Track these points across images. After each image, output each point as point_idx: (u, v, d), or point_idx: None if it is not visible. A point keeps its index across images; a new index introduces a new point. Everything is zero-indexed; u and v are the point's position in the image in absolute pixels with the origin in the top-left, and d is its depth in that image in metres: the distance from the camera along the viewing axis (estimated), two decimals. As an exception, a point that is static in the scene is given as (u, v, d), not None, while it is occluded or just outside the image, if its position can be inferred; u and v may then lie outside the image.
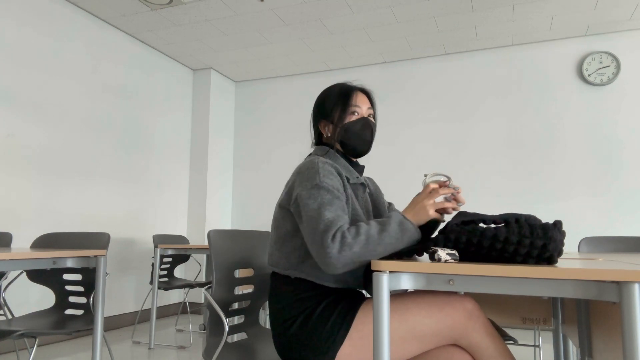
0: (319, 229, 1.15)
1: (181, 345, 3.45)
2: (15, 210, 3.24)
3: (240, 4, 3.69)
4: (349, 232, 1.13)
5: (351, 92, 1.42)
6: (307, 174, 1.27)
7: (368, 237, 1.12)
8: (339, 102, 1.41)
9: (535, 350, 2.53)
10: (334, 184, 1.25)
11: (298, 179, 1.29)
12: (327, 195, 1.21)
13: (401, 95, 4.77)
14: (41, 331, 1.79)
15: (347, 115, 1.40)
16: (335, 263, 1.12)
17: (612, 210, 4.00)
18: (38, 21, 3.44)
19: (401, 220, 1.17)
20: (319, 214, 1.17)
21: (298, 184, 1.27)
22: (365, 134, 1.40)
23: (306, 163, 1.32)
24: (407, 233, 1.16)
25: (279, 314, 1.31)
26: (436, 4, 3.68)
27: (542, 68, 4.32)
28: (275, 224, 1.38)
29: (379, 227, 1.15)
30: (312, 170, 1.27)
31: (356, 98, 1.42)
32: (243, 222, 5.24)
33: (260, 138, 5.29)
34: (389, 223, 1.16)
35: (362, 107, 1.42)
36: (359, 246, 1.11)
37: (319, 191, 1.22)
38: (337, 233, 1.13)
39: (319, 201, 1.20)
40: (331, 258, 1.11)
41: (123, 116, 4.17)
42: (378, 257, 1.14)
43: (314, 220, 1.17)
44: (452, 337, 1.18)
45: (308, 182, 1.24)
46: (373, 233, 1.13)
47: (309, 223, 1.18)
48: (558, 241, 0.99)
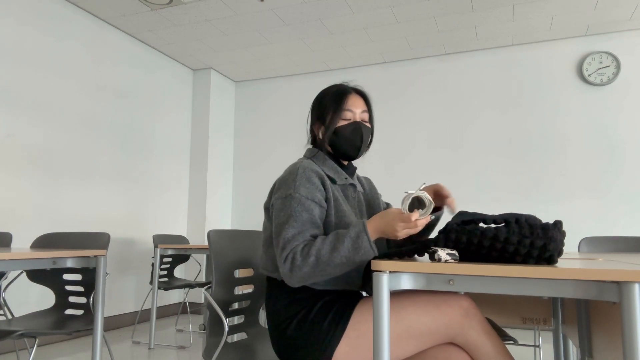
0: (278, 247, 1.22)
1: (181, 345, 3.45)
2: (15, 210, 3.24)
3: (240, 4, 3.69)
4: (301, 254, 1.17)
5: (345, 95, 1.41)
6: (287, 180, 1.29)
7: (318, 258, 1.15)
8: (332, 104, 1.40)
9: (535, 350, 2.53)
10: (308, 193, 1.26)
11: (279, 185, 1.31)
12: (297, 207, 1.24)
13: (401, 95, 4.77)
14: (41, 331, 1.79)
15: (339, 119, 1.39)
16: (288, 280, 1.20)
17: (612, 210, 4.00)
18: (38, 21, 3.44)
19: (358, 234, 1.15)
20: (282, 229, 1.22)
21: (277, 191, 1.31)
22: (355, 138, 1.39)
23: (289, 168, 1.34)
24: (359, 251, 1.14)
25: (275, 315, 1.31)
26: (436, 4, 3.68)
27: (542, 68, 4.32)
28: (263, 226, 1.41)
29: (331, 246, 1.16)
30: (290, 178, 1.29)
31: (349, 101, 1.40)
32: (243, 222, 5.24)
33: (260, 138, 5.29)
34: (344, 240, 1.15)
35: (355, 111, 1.40)
36: (308, 267, 1.16)
37: (291, 202, 1.24)
38: (290, 254, 1.18)
39: (287, 213, 1.23)
40: (285, 276, 1.20)
41: (123, 116, 4.17)
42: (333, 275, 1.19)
43: (276, 236, 1.24)
44: (449, 335, 1.18)
45: (283, 191, 1.27)
46: (324, 253, 1.15)
47: (274, 236, 1.25)
48: (558, 241, 0.99)
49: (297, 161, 1.38)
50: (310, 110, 1.48)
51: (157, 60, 4.62)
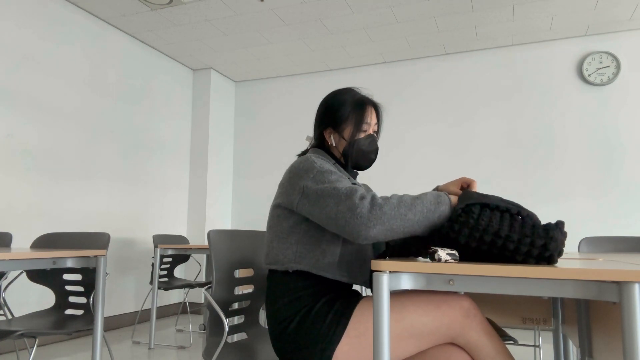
0: (343, 197, 1.15)
1: (181, 345, 3.45)
2: (15, 210, 3.24)
3: (240, 4, 3.69)
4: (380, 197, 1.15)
5: (366, 107, 1.41)
6: (304, 167, 1.28)
7: (400, 200, 1.13)
8: (353, 115, 1.40)
9: (535, 350, 2.53)
10: (332, 168, 1.28)
11: (295, 176, 1.29)
12: (334, 176, 1.23)
13: (401, 95, 4.77)
14: (41, 331, 1.79)
15: (359, 132, 1.40)
16: (365, 222, 1.10)
17: (612, 210, 4.00)
18: (38, 21, 3.44)
19: (438, 195, 1.18)
20: (336, 188, 1.18)
21: (298, 179, 1.27)
22: (371, 151, 1.41)
23: (300, 160, 1.33)
24: (440, 207, 1.15)
25: (275, 315, 1.31)
26: (436, 4, 3.68)
27: (542, 68, 4.32)
28: (270, 224, 1.39)
29: (412, 197, 1.16)
30: (308, 163, 1.28)
31: (369, 113, 1.42)
32: (243, 222, 5.24)
33: (260, 138, 5.29)
34: (425, 194, 1.17)
35: (371, 124, 1.42)
36: (389, 207, 1.11)
37: (324, 175, 1.23)
38: (366, 196, 1.13)
39: (329, 180, 1.22)
40: (363, 217, 1.10)
41: (123, 116, 4.18)
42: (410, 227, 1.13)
43: (334, 195, 1.17)
44: (449, 336, 1.18)
45: (309, 173, 1.26)
46: (406, 198, 1.14)
47: (330, 200, 1.17)
48: (559, 241, 0.99)
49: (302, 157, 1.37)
50: (323, 113, 1.45)
51: (157, 60, 4.62)
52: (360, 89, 1.48)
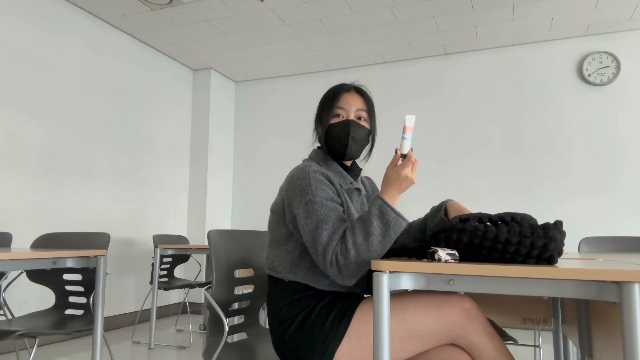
0: (318, 254, 1.20)
1: (181, 345, 3.45)
2: (15, 210, 3.24)
3: (240, 4, 3.69)
4: (341, 253, 1.16)
5: (339, 93, 1.41)
6: (300, 185, 1.27)
7: (357, 250, 1.15)
8: (326, 103, 1.42)
9: (535, 350, 2.53)
10: (326, 195, 1.26)
11: (292, 192, 1.29)
12: (322, 210, 1.22)
13: (401, 95, 4.77)
14: (41, 331, 1.79)
15: (331, 117, 1.40)
16: (343, 282, 1.19)
17: (612, 210, 4.00)
18: (38, 21, 3.44)
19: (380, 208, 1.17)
20: (316, 236, 1.20)
21: (292, 198, 1.28)
22: (342, 137, 1.37)
23: (298, 171, 1.31)
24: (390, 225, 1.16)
25: (276, 316, 1.31)
26: (436, 4, 3.68)
27: (542, 68, 4.32)
28: (269, 228, 1.40)
29: (363, 233, 1.16)
30: (304, 182, 1.26)
31: (343, 99, 1.40)
32: (243, 222, 5.24)
33: (260, 138, 5.29)
34: (371, 221, 1.16)
35: (347, 109, 1.39)
36: (352, 263, 1.15)
37: (313, 207, 1.23)
38: (332, 258, 1.17)
39: (315, 219, 1.22)
40: (336, 279, 1.19)
41: (123, 116, 4.18)
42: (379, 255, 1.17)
43: (312, 242, 1.21)
44: (450, 337, 1.18)
45: (302, 198, 1.25)
46: (360, 242, 1.15)
47: (309, 244, 1.23)
48: (559, 241, 0.99)
49: (303, 164, 1.37)
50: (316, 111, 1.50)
51: (157, 60, 4.62)
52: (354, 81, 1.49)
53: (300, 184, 1.27)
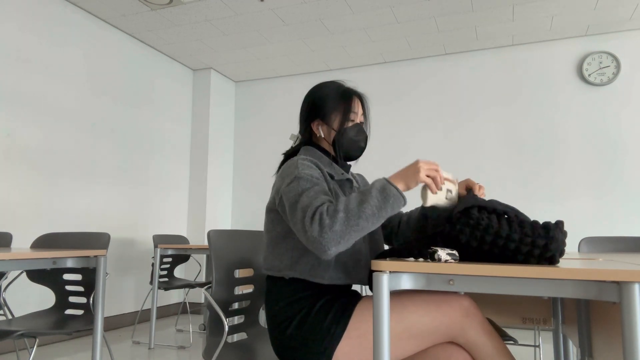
0: (298, 216, 1.15)
1: (181, 345, 3.45)
2: (15, 210, 3.24)
3: (240, 4, 3.69)
4: (327, 212, 1.11)
5: (352, 97, 1.43)
6: (287, 170, 1.29)
7: (347, 212, 1.10)
8: (340, 105, 1.41)
9: (535, 350, 2.53)
10: (312, 173, 1.26)
11: (280, 179, 1.31)
12: (305, 184, 1.22)
13: (401, 95, 4.77)
14: (41, 331, 1.79)
15: (347, 121, 1.40)
16: (320, 246, 1.09)
17: (612, 210, 4.00)
18: (38, 21, 3.44)
19: (383, 185, 1.14)
20: (297, 201, 1.18)
21: (281, 184, 1.29)
22: (360, 140, 1.42)
23: (287, 163, 1.34)
24: (390, 199, 1.12)
25: (275, 316, 1.31)
26: (436, 4, 3.68)
27: (542, 68, 4.32)
28: (266, 228, 1.40)
29: (358, 199, 1.12)
30: (292, 166, 1.28)
31: (354, 103, 1.43)
32: (243, 222, 5.24)
33: (260, 138, 5.29)
34: (370, 192, 1.13)
35: (357, 113, 1.43)
36: (338, 224, 1.09)
37: (298, 182, 1.22)
38: (315, 215, 1.11)
39: (298, 191, 1.21)
40: (314, 242, 1.10)
41: (123, 116, 4.18)
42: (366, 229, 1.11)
43: (293, 209, 1.18)
44: (449, 335, 1.18)
45: (288, 178, 1.26)
46: (352, 207, 1.10)
47: (291, 214, 1.19)
48: (560, 241, 0.99)
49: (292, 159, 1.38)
50: (308, 106, 1.46)
51: (157, 60, 4.62)
52: (344, 82, 1.49)
53: (287, 170, 1.29)
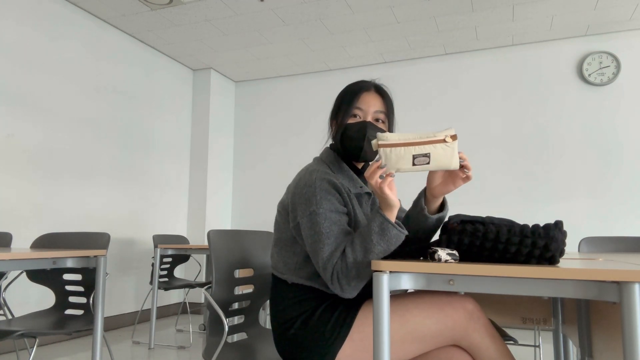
0: (319, 267, 1.20)
1: (181, 345, 3.45)
2: (15, 210, 3.23)
3: (240, 4, 3.69)
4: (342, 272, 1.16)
5: (358, 92, 1.36)
6: (306, 194, 1.24)
7: (357, 268, 1.15)
8: (344, 101, 1.36)
9: (535, 350, 2.52)
10: (331, 206, 1.22)
11: (298, 198, 1.26)
12: (325, 223, 1.20)
13: (401, 95, 4.77)
14: (41, 331, 1.79)
15: (348, 117, 1.34)
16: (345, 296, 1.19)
17: (612, 210, 4.00)
18: (38, 21, 3.44)
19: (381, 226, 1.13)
20: (317, 250, 1.20)
21: (298, 205, 1.26)
22: (358, 138, 1.31)
23: (306, 176, 1.28)
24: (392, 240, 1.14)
25: (279, 315, 1.31)
26: (436, 4, 3.68)
27: (542, 68, 4.32)
28: (276, 226, 1.38)
29: (363, 250, 1.14)
30: (310, 191, 1.23)
31: (362, 99, 1.35)
32: (243, 222, 5.24)
33: (260, 138, 5.29)
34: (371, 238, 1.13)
35: (366, 109, 1.34)
36: (354, 280, 1.16)
37: (317, 219, 1.20)
38: (334, 276, 1.17)
39: (317, 231, 1.20)
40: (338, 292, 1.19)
41: (123, 116, 4.17)
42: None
43: (314, 256, 1.22)
44: (452, 338, 1.17)
45: (306, 208, 1.23)
46: (360, 260, 1.14)
47: (312, 255, 1.23)
48: (560, 241, 0.99)
49: (313, 165, 1.34)
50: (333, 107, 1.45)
51: (157, 60, 4.62)
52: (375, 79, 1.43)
53: (306, 192, 1.24)
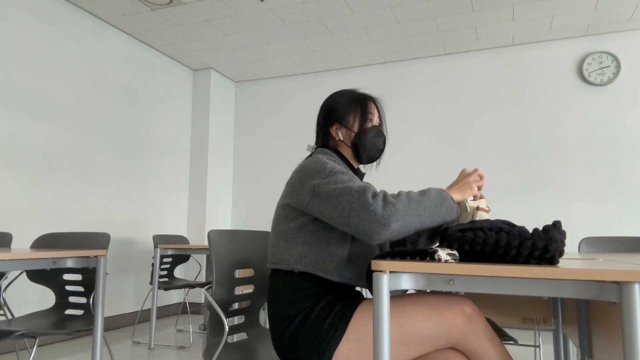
0: (355, 196, 1.14)
1: (181, 345, 3.45)
2: (15, 210, 3.24)
3: (240, 4, 3.69)
4: (390, 194, 1.15)
5: (368, 100, 1.47)
6: (314, 167, 1.27)
7: (409, 197, 1.15)
8: (357, 108, 1.44)
9: (535, 350, 2.52)
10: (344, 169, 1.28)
11: (306, 176, 1.28)
12: (345, 176, 1.23)
13: (401, 95, 4.77)
14: (41, 331, 1.79)
15: (366, 122, 1.43)
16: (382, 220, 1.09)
17: (612, 210, 4.00)
18: (38, 21, 3.44)
19: (440, 190, 1.22)
20: (348, 187, 1.18)
21: (308, 179, 1.26)
22: (379, 141, 1.45)
23: (309, 160, 1.33)
24: (445, 203, 1.19)
25: (277, 315, 1.31)
26: (436, 4, 3.68)
27: (542, 68, 4.32)
28: (275, 223, 1.38)
29: (419, 192, 1.19)
30: (319, 163, 1.28)
31: (370, 106, 1.46)
32: (243, 222, 5.25)
33: (260, 138, 5.30)
34: (429, 191, 1.20)
35: (375, 116, 1.46)
36: (401, 204, 1.12)
37: (336, 175, 1.23)
38: (379, 194, 1.14)
39: (341, 180, 1.21)
40: (377, 215, 1.10)
41: (123, 116, 4.18)
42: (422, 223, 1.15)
43: (346, 194, 1.16)
44: (450, 341, 1.17)
45: (321, 173, 1.25)
46: (414, 195, 1.17)
47: (342, 198, 1.16)
48: (559, 241, 0.99)
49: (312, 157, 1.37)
50: (326, 112, 1.48)
51: (157, 60, 4.62)
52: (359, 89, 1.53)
53: (314, 166, 1.28)
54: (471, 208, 1.25)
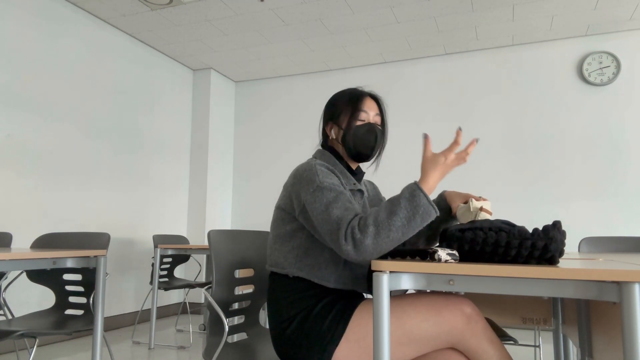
0: (331, 231, 1.16)
1: (181, 345, 3.45)
2: (15, 210, 3.23)
3: (240, 4, 3.69)
4: (359, 227, 1.12)
5: (361, 97, 1.44)
6: (306, 176, 1.28)
7: (377, 225, 1.10)
8: (349, 105, 1.43)
9: (535, 350, 2.52)
10: (333, 181, 1.26)
11: (298, 184, 1.29)
12: (331, 194, 1.22)
13: (401, 95, 4.77)
14: (41, 331, 1.79)
15: (355, 119, 1.41)
16: (358, 259, 1.13)
17: (612, 210, 4.00)
18: (38, 21, 3.44)
19: (412, 192, 1.14)
20: (327, 215, 1.18)
21: (300, 189, 1.28)
22: (369, 138, 1.40)
23: (303, 165, 1.33)
24: (419, 209, 1.11)
25: (276, 315, 1.31)
26: (436, 4, 3.68)
27: (542, 68, 4.32)
28: (273, 225, 1.39)
29: (387, 211, 1.12)
30: (311, 173, 1.28)
31: (365, 103, 1.43)
32: (243, 222, 5.24)
33: (260, 138, 5.30)
34: (399, 202, 1.13)
35: (369, 113, 1.43)
36: (370, 238, 1.10)
37: (322, 192, 1.22)
38: (348, 231, 1.13)
39: (324, 202, 1.21)
40: (350, 257, 1.13)
41: (123, 116, 4.17)
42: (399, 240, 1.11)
43: (324, 223, 1.19)
44: (449, 341, 1.17)
45: (309, 186, 1.25)
46: (382, 219, 1.11)
47: (321, 227, 1.20)
48: (559, 241, 0.99)
49: (308, 160, 1.38)
50: (323, 112, 1.50)
51: (157, 60, 4.62)
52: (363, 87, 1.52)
53: (306, 175, 1.28)
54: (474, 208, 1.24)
